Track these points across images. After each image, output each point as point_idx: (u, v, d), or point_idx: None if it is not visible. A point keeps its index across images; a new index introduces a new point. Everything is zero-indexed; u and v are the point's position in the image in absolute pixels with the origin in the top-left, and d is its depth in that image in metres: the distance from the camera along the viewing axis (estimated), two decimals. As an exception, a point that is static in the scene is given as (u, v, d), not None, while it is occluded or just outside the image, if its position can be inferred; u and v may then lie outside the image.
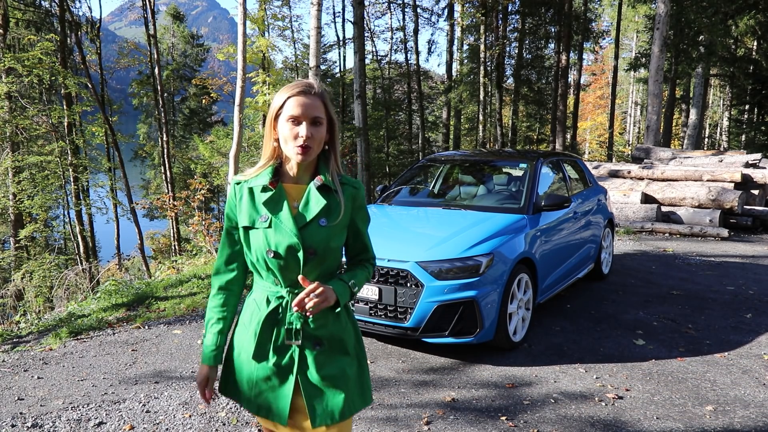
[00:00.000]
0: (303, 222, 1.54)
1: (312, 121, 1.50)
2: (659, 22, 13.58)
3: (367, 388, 1.68)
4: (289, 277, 1.55)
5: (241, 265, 1.67)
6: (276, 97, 1.56)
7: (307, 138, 1.49)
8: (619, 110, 38.35)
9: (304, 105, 1.50)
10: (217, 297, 1.67)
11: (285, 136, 1.51)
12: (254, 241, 1.56)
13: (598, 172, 11.09)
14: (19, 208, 13.88)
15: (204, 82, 25.23)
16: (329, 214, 1.57)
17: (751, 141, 21.23)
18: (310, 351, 1.57)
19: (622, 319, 4.75)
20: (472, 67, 23.29)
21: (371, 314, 3.82)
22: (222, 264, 1.67)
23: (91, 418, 3.10)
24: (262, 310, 1.57)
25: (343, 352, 1.62)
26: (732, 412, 3.14)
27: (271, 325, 1.57)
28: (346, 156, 17.83)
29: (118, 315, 5.27)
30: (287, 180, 1.60)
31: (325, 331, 1.58)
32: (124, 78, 33.75)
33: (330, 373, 1.58)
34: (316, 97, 1.52)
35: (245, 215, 1.57)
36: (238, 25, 10.08)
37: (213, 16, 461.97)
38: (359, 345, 1.69)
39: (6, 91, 12.78)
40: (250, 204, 1.57)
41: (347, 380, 1.60)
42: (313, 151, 1.52)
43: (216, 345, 1.64)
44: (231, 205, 1.62)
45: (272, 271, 1.55)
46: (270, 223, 1.54)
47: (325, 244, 1.55)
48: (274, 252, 1.52)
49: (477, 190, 5.33)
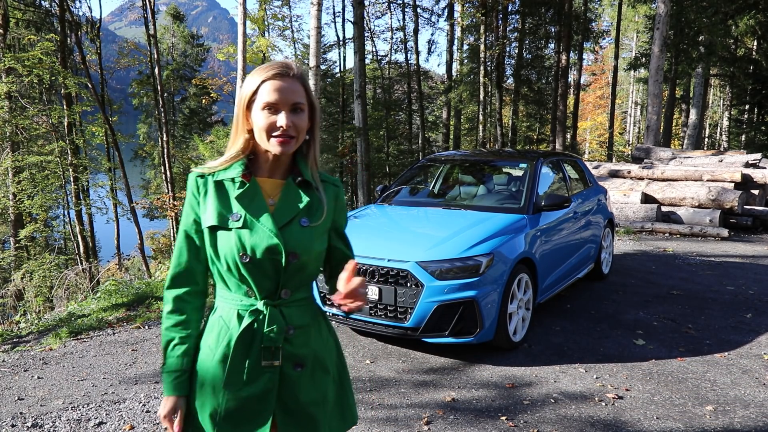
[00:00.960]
0: (283, 221, 1.33)
1: (292, 108, 1.30)
2: (659, 22, 13.58)
3: (348, 408, 1.49)
4: (266, 286, 1.33)
5: (203, 273, 1.40)
6: (247, 81, 1.33)
7: (287, 127, 1.29)
8: (619, 110, 38.36)
9: (282, 90, 1.29)
10: (175, 314, 1.37)
11: (260, 127, 1.30)
12: (224, 244, 1.31)
13: (598, 172, 11.09)
14: (19, 208, 13.88)
15: (204, 82, 25.24)
16: (311, 213, 1.38)
17: (751, 141, 21.23)
18: (289, 373, 1.35)
19: (622, 319, 4.75)
20: (472, 67, 23.28)
21: (371, 314, 3.82)
22: (180, 273, 1.38)
23: (91, 418, 3.10)
24: (233, 329, 1.33)
25: (325, 372, 1.42)
26: (732, 412, 3.14)
27: (246, 345, 1.32)
28: (346, 156, 17.81)
29: (118, 315, 5.27)
30: (261, 174, 1.39)
31: (307, 350, 1.38)
32: (124, 78, 33.78)
33: (310, 399, 1.38)
34: (294, 80, 1.31)
35: (212, 213, 1.33)
36: (238, 25, 10.09)
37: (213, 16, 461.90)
38: (341, 361, 1.50)
39: (6, 91, 12.79)
40: (218, 200, 1.34)
41: (327, 404, 1.42)
42: (295, 142, 1.33)
43: (182, 369, 1.35)
44: (193, 202, 1.37)
45: (246, 280, 1.32)
46: (244, 222, 1.31)
47: (308, 247, 1.34)
48: (249, 256, 1.29)
49: (477, 190, 5.33)
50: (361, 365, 3.79)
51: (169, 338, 1.37)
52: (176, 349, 1.36)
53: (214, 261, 1.35)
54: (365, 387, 3.45)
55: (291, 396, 1.36)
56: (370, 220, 4.64)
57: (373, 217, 4.75)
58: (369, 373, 3.67)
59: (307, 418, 1.37)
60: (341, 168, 22.17)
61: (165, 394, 1.36)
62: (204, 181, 1.37)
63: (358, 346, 4.14)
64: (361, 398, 3.29)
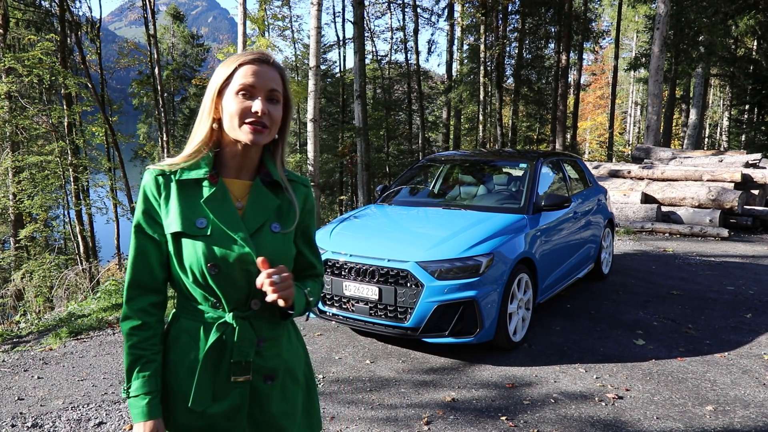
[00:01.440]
0: (254, 227, 1.24)
1: (268, 96, 1.21)
2: (659, 22, 13.58)
3: (313, 415, 1.43)
4: (235, 298, 1.23)
5: (165, 282, 1.28)
6: (220, 68, 1.24)
7: (262, 114, 1.19)
8: (619, 110, 38.36)
9: (260, 74, 1.20)
10: (140, 329, 1.23)
11: (232, 113, 1.19)
12: (189, 253, 1.20)
13: (598, 172, 11.09)
14: (19, 208, 13.88)
15: (204, 82, 25.26)
16: (281, 217, 1.29)
17: (751, 141, 21.23)
18: (260, 387, 1.28)
19: (622, 319, 4.75)
20: (472, 67, 23.28)
21: (371, 314, 3.82)
22: (140, 283, 1.24)
23: (91, 418, 3.10)
24: (200, 343, 1.23)
25: (295, 382, 1.36)
26: (732, 412, 3.14)
27: (214, 361, 1.23)
28: (346, 156, 17.81)
29: (118, 315, 5.27)
30: (226, 174, 1.27)
31: (278, 361, 1.30)
32: (124, 78, 33.77)
33: (280, 410, 1.31)
34: (273, 67, 1.24)
35: (176, 218, 1.21)
36: (238, 25, 10.09)
37: (213, 16, 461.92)
38: (308, 368, 1.44)
39: (6, 91, 12.78)
40: (182, 203, 1.22)
41: (295, 414, 1.36)
42: (268, 133, 1.23)
43: (152, 390, 1.23)
44: (151, 204, 1.24)
45: (213, 292, 1.22)
46: (212, 229, 1.20)
47: (281, 255, 1.26)
48: (218, 267, 1.19)
49: (477, 190, 5.33)
50: (361, 365, 3.79)
51: (137, 356, 1.23)
52: (145, 369, 1.23)
53: (178, 271, 1.23)
54: (365, 387, 3.45)
55: (261, 410, 1.29)
56: (370, 220, 4.64)
57: (373, 217, 4.75)
58: (369, 373, 3.67)
59: (276, 430, 1.31)
60: (341, 168, 22.17)
61: (140, 420, 1.21)
62: (165, 181, 1.24)
63: (358, 346, 4.14)
64: (361, 398, 3.29)
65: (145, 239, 1.25)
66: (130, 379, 1.24)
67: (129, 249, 1.27)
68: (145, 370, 1.23)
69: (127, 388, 1.24)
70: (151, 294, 1.26)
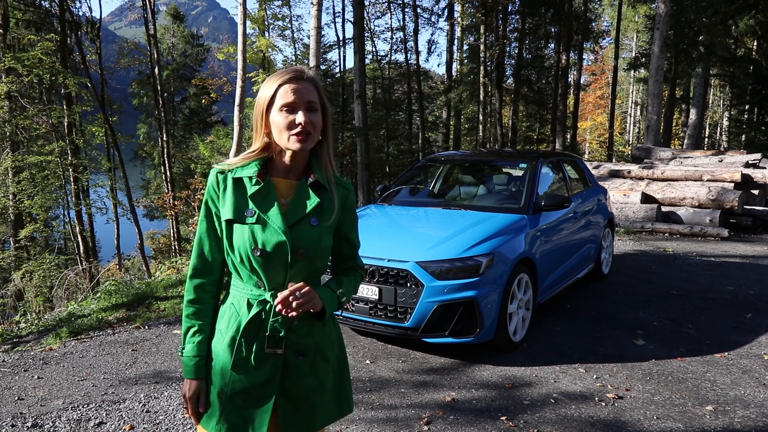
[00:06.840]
0: (293, 220, 1.43)
1: (307, 107, 1.40)
2: (659, 22, 13.58)
3: (345, 398, 1.59)
4: (275, 278, 1.43)
5: (221, 264, 1.50)
6: (264, 88, 1.44)
7: (305, 124, 1.38)
8: (619, 110, 38.35)
9: (298, 90, 1.40)
10: (195, 302, 1.49)
11: (280, 127, 1.40)
12: (239, 238, 1.42)
13: (598, 172, 11.09)
14: (19, 208, 13.88)
15: (204, 82, 25.23)
16: (321, 213, 1.47)
17: (751, 141, 21.21)
18: (292, 361, 1.45)
19: (622, 319, 4.75)
20: (472, 67, 23.27)
21: (371, 314, 3.82)
22: (200, 263, 1.49)
23: (91, 418, 3.10)
24: (243, 316, 1.44)
25: (325, 361, 1.52)
26: (732, 412, 3.14)
27: (253, 332, 1.43)
28: (346, 156, 17.81)
29: (118, 315, 5.27)
30: (276, 174, 1.48)
31: (309, 340, 1.47)
32: (124, 78, 33.76)
33: (309, 385, 1.48)
34: (308, 82, 1.43)
35: (230, 208, 1.43)
36: (238, 25, 10.09)
37: (213, 16, 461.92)
38: (341, 352, 1.59)
39: (6, 90, 12.78)
40: (236, 196, 1.44)
41: (324, 392, 1.51)
42: (312, 138, 1.42)
43: (200, 354, 1.47)
44: (212, 195, 1.47)
45: (256, 272, 1.42)
46: (257, 218, 1.42)
47: (315, 245, 1.44)
48: (260, 250, 1.40)
49: (477, 190, 5.33)
50: (361, 365, 3.79)
51: (189, 325, 1.48)
52: (195, 336, 1.48)
53: (229, 252, 1.45)
54: (365, 387, 3.45)
55: (292, 382, 1.46)
56: (370, 220, 4.64)
57: (373, 217, 4.75)
58: (369, 373, 3.67)
59: (305, 403, 1.48)
60: (341, 168, 22.15)
61: (186, 377, 1.48)
62: (224, 177, 1.46)
63: (358, 346, 4.14)
64: (361, 398, 3.29)
65: (207, 225, 1.48)
66: (184, 342, 1.49)
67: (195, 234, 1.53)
68: (195, 337, 1.48)
69: (182, 349, 1.49)
70: (208, 274, 1.49)
